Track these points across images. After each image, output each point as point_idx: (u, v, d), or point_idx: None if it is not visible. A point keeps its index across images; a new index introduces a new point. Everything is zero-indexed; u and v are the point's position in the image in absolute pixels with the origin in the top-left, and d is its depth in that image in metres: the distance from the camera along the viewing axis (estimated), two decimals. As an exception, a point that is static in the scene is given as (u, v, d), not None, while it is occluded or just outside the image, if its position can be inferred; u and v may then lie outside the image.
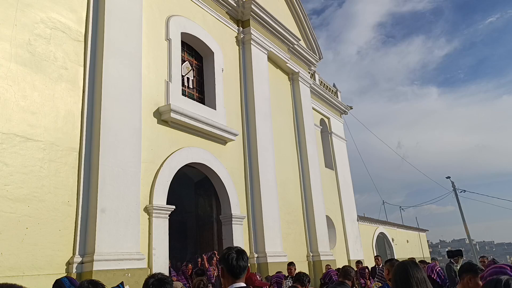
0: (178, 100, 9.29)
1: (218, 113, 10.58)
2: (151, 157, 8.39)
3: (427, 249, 33.32)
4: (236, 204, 10.52)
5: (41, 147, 6.42)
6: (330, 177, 17.87)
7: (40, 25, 6.86)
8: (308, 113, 15.32)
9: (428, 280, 2.49)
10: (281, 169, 12.76)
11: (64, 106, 6.94)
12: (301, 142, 14.57)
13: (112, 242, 6.75)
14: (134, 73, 8.16)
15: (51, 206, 6.31)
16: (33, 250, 5.90)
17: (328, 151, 18.70)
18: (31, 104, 6.44)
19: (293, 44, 14.59)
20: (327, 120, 19.23)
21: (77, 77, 7.29)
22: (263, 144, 11.81)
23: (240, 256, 2.51)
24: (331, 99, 19.47)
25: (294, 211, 13.19)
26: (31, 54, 6.60)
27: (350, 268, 5.19)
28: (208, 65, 11.18)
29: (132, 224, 7.25)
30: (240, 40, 12.45)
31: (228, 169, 10.62)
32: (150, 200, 8.07)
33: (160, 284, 2.48)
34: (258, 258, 10.62)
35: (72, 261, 6.35)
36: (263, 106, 12.32)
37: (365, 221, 21.18)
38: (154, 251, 7.76)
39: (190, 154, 9.49)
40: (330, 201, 16.66)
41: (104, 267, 6.38)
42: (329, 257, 13.78)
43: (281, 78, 14.67)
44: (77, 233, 6.56)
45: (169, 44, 9.54)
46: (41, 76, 6.67)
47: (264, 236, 10.81)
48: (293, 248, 12.38)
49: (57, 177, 6.53)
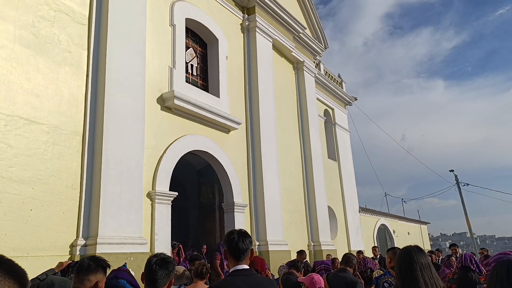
0: (181, 87, 9.25)
1: (222, 101, 10.54)
2: (154, 143, 8.38)
3: (428, 242, 33.39)
4: (239, 192, 10.54)
5: (45, 130, 6.42)
6: (332, 168, 17.85)
7: (44, 7, 6.81)
8: (312, 103, 15.25)
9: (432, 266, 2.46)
10: (284, 158, 12.75)
11: (68, 89, 6.92)
12: (304, 132, 14.52)
13: (115, 226, 6.79)
14: (138, 58, 8.12)
15: (55, 189, 6.34)
16: (37, 232, 5.94)
17: (332, 142, 18.65)
18: (35, 86, 6.42)
19: (298, 33, 14.47)
20: (331, 111, 19.14)
21: (81, 61, 7.26)
22: (266, 133, 11.78)
23: (241, 238, 2.50)
24: (336, 89, 19.35)
25: (296, 201, 13.21)
26: (35, 36, 6.57)
27: (352, 255, 5.18)
28: (212, 52, 11.12)
29: (135, 209, 7.28)
30: (245, 27, 12.35)
31: (231, 158, 10.62)
32: (153, 186, 8.09)
33: (163, 263, 2.48)
34: (260, 246, 10.67)
35: (76, 243, 6.40)
36: (267, 95, 12.26)
37: (367, 212, 21.21)
38: (157, 236, 7.80)
39: (193, 142, 9.48)
40: (332, 192, 16.67)
41: (107, 250, 6.41)
42: (330, 247, 13.83)
43: (285, 67, 14.57)
44: (80, 216, 6.59)
45: (173, 30, 9.47)
46: (45, 58, 6.65)
47: (266, 224, 10.84)
48: (295, 237, 12.42)
49: (61, 160, 6.55)
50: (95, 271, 2.52)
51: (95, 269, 2.52)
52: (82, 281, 2.46)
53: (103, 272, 2.57)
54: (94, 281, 2.46)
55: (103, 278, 2.56)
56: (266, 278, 3.00)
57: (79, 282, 2.47)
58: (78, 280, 2.48)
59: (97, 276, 2.50)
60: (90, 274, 2.48)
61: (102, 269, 2.57)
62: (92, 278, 2.47)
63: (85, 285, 2.45)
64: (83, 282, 2.46)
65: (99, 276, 2.52)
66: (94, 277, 2.48)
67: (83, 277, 2.47)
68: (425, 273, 2.30)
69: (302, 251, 9.12)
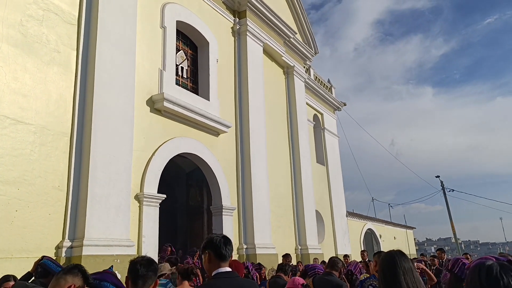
0: (171, 90, 9.23)
1: (212, 104, 10.54)
2: (143, 146, 8.35)
3: (414, 247, 33.76)
4: (227, 196, 10.54)
5: (32, 131, 6.35)
6: (321, 172, 17.96)
7: (32, 6, 6.75)
8: (301, 107, 15.34)
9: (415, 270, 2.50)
10: (273, 162, 12.79)
11: (56, 90, 6.86)
12: (293, 136, 14.60)
13: (102, 228, 6.73)
14: (128, 59, 8.08)
15: (41, 190, 6.26)
16: (22, 233, 5.86)
17: (320, 146, 18.77)
18: (23, 86, 6.35)
19: (289, 38, 14.57)
20: (320, 116, 19.27)
21: (69, 61, 7.20)
22: (255, 137, 11.81)
23: (227, 241, 2.54)
24: (325, 94, 19.50)
25: (285, 205, 13.25)
26: (23, 35, 6.50)
27: (337, 259, 5.22)
28: (202, 55, 11.12)
29: (122, 211, 7.23)
30: (236, 31, 12.39)
31: (220, 161, 10.62)
32: (141, 188, 8.05)
33: (148, 264, 2.47)
34: (247, 249, 10.67)
35: (62, 245, 6.32)
36: (257, 99, 12.30)
37: (354, 217, 21.37)
38: (144, 238, 7.75)
39: (182, 144, 9.46)
40: (320, 196, 16.76)
41: (94, 252, 6.36)
42: (317, 250, 13.89)
43: (276, 71, 14.65)
44: (67, 217, 6.52)
45: (164, 32, 9.46)
46: (33, 58, 6.58)
47: (253, 227, 10.85)
48: (282, 240, 12.45)
49: (48, 161, 6.48)
50: (75, 274, 2.45)
51: (76, 273, 2.46)
52: (58, 280, 2.39)
53: (82, 280, 2.48)
54: (70, 282, 2.39)
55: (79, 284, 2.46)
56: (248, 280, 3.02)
57: (55, 281, 2.39)
58: (55, 279, 2.41)
59: (74, 279, 2.42)
60: (69, 275, 2.41)
61: (82, 276, 2.48)
62: (69, 279, 2.39)
63: (60, 283, 2.38)
64: (59, 280, 2.39)
65: (76, 280, 2.43)
66: (71, 279, 2.41)
67: (61, 276, 2.40)
68: (408, 277, 2.33)
69: (287, 254, 9.15)
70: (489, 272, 1.67)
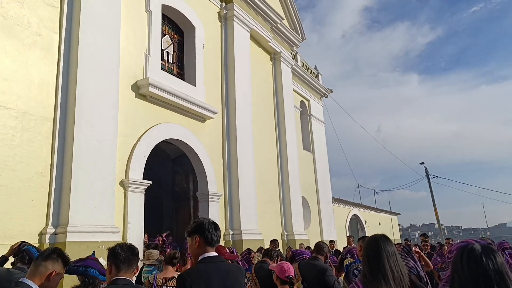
0: (157, 75, 9.11)
1: (198, 89, 10.46)
2: (128, 131, 8.26)
3: (398, 232, 34.48)
4: (213, 182, 10.55)
5: (13, 115, 6.22)
6: (307, 159, 18.08)
7: (13, -13, 6.54)
8: (288, 94, 15.34)
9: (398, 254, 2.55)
10: (259, 148, 12.82)
11: (38, 74, 6.71)
12: (280, 122, 14.62)
13: (86, 214, 6.69)
14: (112, 44, 7.93)
15: (23, 176, 6.17)
16: (4, 219, 5.79)
17: (307, 133, 18.86)
18: (3, 70, 6.20)
19: (276, 23, 14.46)
20: (307, 103, 19.31)
21: (52, 45, 7.03)
22: (242, 123, 11.79)
23: (216, 226, 2.54)
24: (312, 81, 19.51)
25: (271, 191, 13.33)
26: (3, 17, 6.31)
27: (323, 244, 5.30)
28: (188, 40, 10.98)
29: (107, 197, 7.18)
30: (222, 16, 12.24)
31: (206, 147, 10.59)
32: (126, 174, 7.99)
33: (128, 249, 2.44)
34: (233, 235, 10.75)
35: (45, 231, 6.28)
36: (244, 85, 12.24)
37: (340, 203, 21.65)
38: (129, 225, 7.74)
39: (168, 130, 9.39)
40: (306, 182, 16.90)
41: (78, 238, 6.33)
42: (303, 236, 14.07)
43: (262, 57, 14.56)
44: (50, 204, 6.46)
45: (149, 16, 9.28)
46: (13, 41, 6.41)
47: (240, 214, 10.92)
48: (268, 226, 12.56)
49: (30, 146, 6.37)
50: (55, 260, 2.40)
51: (55, 258, 2.41)
52: (37, 267, 2.34)
53: (62, 265, 2.43)
54: (50, 269, 2.34)
55: (60, 270, 2.40)
56: (235, 264, 3.03)
57: (34, 268, 2.35)
58: (34, 266, 2.36)
59: (54, 265, 2.37)
60: (48, 261, 2.37)
61: (62, 262, 2.42)
62: (49, 266, 2.34)
63: (40, 271, 2.33)
64: (38, 267, 2.33)
65: (57, 266, 2.38)
66: (51, 265, 2.36)
67: (40, 263, 2.34)
68: (391, 260, 2.38)
69: (274, 240, 9.27)
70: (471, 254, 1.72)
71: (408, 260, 4.57)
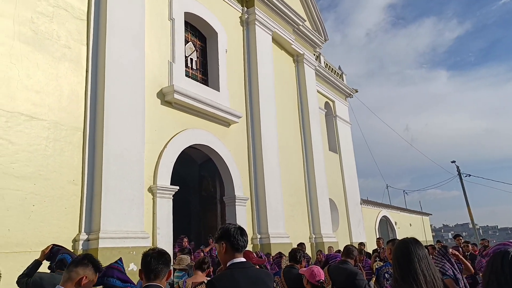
0: (181, 81, 9.25)
1: (222, 94, 10.54)
2: (155, 138, 8.40)
3: (430, 233, 33.50)
4: (239, 186, 10.58)
5: (46, 126, 6.44)
6: (333, 160, 17.87)
7: (42, 3, 6.80)
8: (312, 95, 15.23)
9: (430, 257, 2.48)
10: (285, 151, 12.77)
11: (67, 85, 6.93)
12: (305, 124, 14.53)
13: (117, 221, 6.83)
14: (137, 53, 8.11)
15: (56, 185, 6.38)
16: (40, 227, 6.00)
17: (333, 134, 18.66)
18: (35, 83, 6.44)
19: (298, 25, 14.40)
20: (331, 103, 19.12)
21: (80, 56, 7.26)
22: (266, 126, 11.79)
23: (242, 231, 2.54)
24: (336, 82, 19.31)
25: (297, 193, 13.25)
26: (34, 32, 6.56)
27: (352, 247, 5.21)
28: (211, 46, 11.09)
29: (136, 203, 7.32)
30: (244, 20, 12.30)
31: (232, 151, 10.64)
32: (154, 181, 8.13)
33: (159, 256, 2.49)
34: (261, 239, 10.73)
35: (78, 238, 6.45)
36: (267, 88, 12.25)
37: (368, 204, 21.27)
38: (158, 230, 7.85)
39: (193, 136, 9.50)
40: (333, 184, 16.70)
41: (110, 244, 6.47)
42: (331, 239, 13.89)
43: (285, 59, 14.53)
44: (82, 211, 6.64)
45: (172, 24, 9.45)
46: (44, 54, 6.65)
47: (267, 217, 10.90)
48: (296, 229, 12.48)
49: (62, 156, 6.58)
50: (85, 265, 2.49)
51: (86, 264, 2.50)
52: (69, 273, 2.43)
53: (93, 270, 2.52)
54: (81, 274, 2.43)
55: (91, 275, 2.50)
56: (263, 270, 3.02)
57: (67, 274, 2.45)
58: (67, 272, 2.46)
59: (85, 271, 2.46)
60: (79, 267, 2.46)
61: (93, 267, 2.51)
62: (80, 271, 2.44)
63: (72, 277, 2.42)
64: (70, 273, 2.43)
65: (88, 272, 2.47)
66: (82, 271, 2.45)
67: (72, 269, 2.44)
68: (423, 263, 2.31)
69: (301, 243, 9.18)
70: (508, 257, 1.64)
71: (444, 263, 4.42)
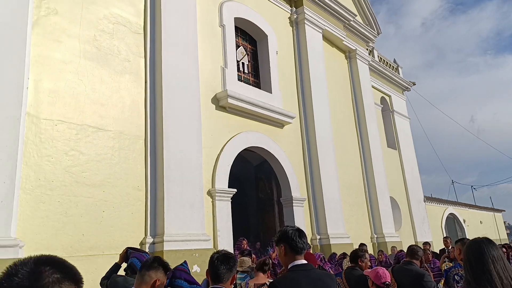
0: (234, 86, 9.42)
1: (274, 96, 10.58)
2: (211, 143, 8.63)
3: (504, 231, 31.06)
4: (296, 187, 10.54)
5: (111, 136, 6.87)
6: (393, 157, 17.21)
7: (103, 21, 7.27)
8: (367, 91, 14.80)
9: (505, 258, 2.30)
10: (341, 149, 12.52)
11: (129, 96, 7.34)
12: (360, 121, 14.15)
13: (179, 224, 7.10)
14: (191, 61, 8.38)
15: (123, 191, 6.76)
16: (110, 232, 6.40)
17: (390, 130, 17.99)
18: (100, 96, 6.88)
19: (349, 21, 14.08)
20: (388, 98, 18.44)
21: (139, 69, 7.65)
22: (320, 125, 11.64)
23: (301, 233, 2.53)
24: (392, 75, 18.61)
25: (356, 192, 12.93)
26: (97, 49, 7.03)
27: (417, 247, 4.97)
28: (262, 49, 11.18)
29: (196, 207, 7.55)
30: (293, 20, 12.26)
31: (287, 152, 10.63)
32: (212, 184, 8.34)
33: (225, 259, 2.56)
34: (321, 240, 10.60)
35: (145, 241, 6.79)
36: (320, 87, 12.09)
37: (433, 201, 20.20)
38: (219, 232, 8.04)
39: (248, 138, 9.62)
40: (393, 182, 16.07)
41: (174, 247, 6.74)
42: (394, 238, 13.38)
43: (337, 56, 14.27)
44: (147, 215, 6.98)
45: (223, 30, 9.66)
46: (107, 69, 7.10)
47: (325, 217, 10.74)
48: (356, 229, 12.18)
49: (127, 163, 6.97)
50: (156, 268, 2.61)
51: (157, 267, 2.62)
52: (142, 276, 2.56)
53: (163, 272, 2.64)
54: (154, 278, 2.55)
55: (162, 278, 2.62)
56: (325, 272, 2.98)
57: (140, 277, 2.58)
58: (140, 275, 2.59)
59: (157, 274, 2.59)
60: (151, 271, 2.58)
61: (163, 269, 2.64)
62: (152, 275, 2.56)
63: (145, 280, 2.54)
64: (143, 277, 2.56)
65: (159, 274, 2.60)
66: (154, 274, 2.57)
67: (145, 272, 2.58)
68: (498, 265, 2.15)
69: (362, 244, 8.93)
70: None
71: None
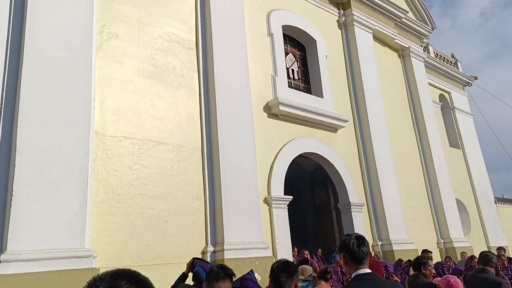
0: (285, 93, 9.45)
1: (326, 101, 10.45)
2: (265, 150, 8.69)
3: None
4: (353, 192, 10.28)
5: (170, 149, 7.16)
6: (457, 156, 16.24)
7: (159, 40, 7.64)
8: (424, 89, 14.15)
9: None
10: (399, 151, 12.05)
11: (185, 110, 7.62)
12: (418, 121, 13.54)
13: (238, 233, 7.20)
14: (242, 71, 8.54)
15: (183, 202, 7.01)
16: (173, 241, 6.64)
17: (452, 128, 17.01)
18: (159, 111, 7.22)
19: (400, 18, 13.60)
20: (447, 95, 17.50)
21: (193, 83, 7.93)
22: (376, 128, 11.30)
23: (360, 242, 2.45)
24: (450, 71, 17.65)
25: (418, 196, 12.34)
26: (154, 67, 7.40)
27: (491, 253, 4.62)
28: (311, 54, 11.12)
29: (254, 215, 7.62)
30: (341, 23, 12.08)
31: (341, 157, 10.43)
32: (268, 192, 8.39)
33: (285, 267, 2.56)
34: (383, 246, 10.23)
35: (206, 250, 6.97)
36: (373, 88, 11.77)
37: (506, 203, 18.72)
38: (277, 240, 8.05)
39: (301, 145, 9.58)
40: (459, 183, 15.14)
41: (234, 255, 6.85)
42: (464, 243, 12.58)
43: (390, 56, 13.81)
44: (207, 225, 7.16)
45: (271, 39, 9.75)
46: (163, 85, 7.44)
47: (386, 223, 10.36)
48: (420, 234, 11.60)
49: (186, 175, 7.22)
50: (224, 278, 2.67)
51: (223, 277, 2.68)
52: (211, 287, 2.63)
53: (230, 281, 2.70)
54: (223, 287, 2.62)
55: (229, 286, 2.68)
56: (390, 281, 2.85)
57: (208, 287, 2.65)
58: (208, 285, 2.66)
59: (225, 283, 2.64)
60: (220, 281, 2.64)
61: (229, 278, 2.70)
62: (221, 285, 2.62)
63: None
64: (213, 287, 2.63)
65: (227, 284, 2.66)
66: (223, 284, 2.63)
67: (214, 284, 2.64)
68: None
69: (425, 250, 8.46)
70: None
71: None
